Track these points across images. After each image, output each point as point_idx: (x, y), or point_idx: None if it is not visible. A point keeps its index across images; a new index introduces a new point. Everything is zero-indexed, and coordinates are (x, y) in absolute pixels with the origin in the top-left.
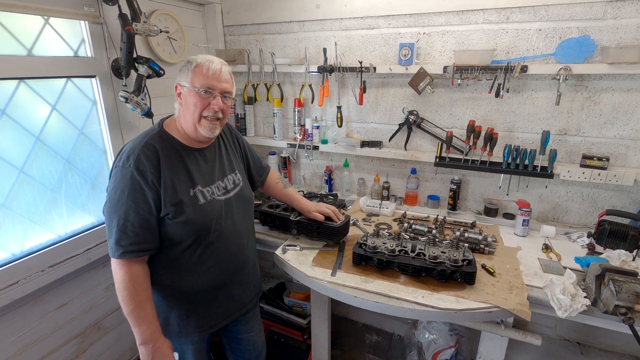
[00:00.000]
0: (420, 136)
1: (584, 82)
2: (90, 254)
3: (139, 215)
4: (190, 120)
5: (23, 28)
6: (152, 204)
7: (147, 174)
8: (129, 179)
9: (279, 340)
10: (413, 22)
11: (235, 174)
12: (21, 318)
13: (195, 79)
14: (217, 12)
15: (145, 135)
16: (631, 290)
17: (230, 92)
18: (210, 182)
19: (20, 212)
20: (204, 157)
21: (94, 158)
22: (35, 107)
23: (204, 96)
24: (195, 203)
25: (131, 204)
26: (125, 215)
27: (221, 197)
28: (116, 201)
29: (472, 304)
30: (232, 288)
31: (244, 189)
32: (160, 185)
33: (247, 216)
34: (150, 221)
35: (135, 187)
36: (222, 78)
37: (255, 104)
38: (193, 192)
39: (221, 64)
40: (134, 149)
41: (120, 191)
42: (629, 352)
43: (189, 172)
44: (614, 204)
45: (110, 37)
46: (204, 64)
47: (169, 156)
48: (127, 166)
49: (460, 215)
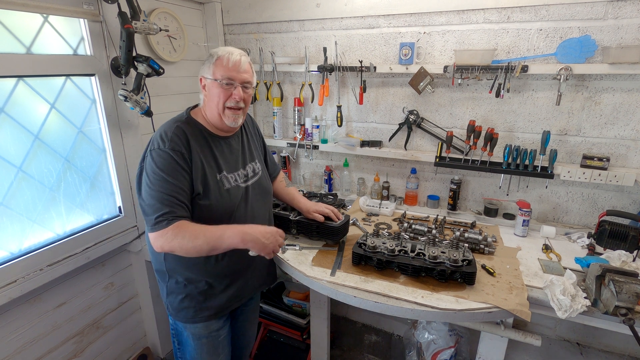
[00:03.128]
0: (420, 136)
1: (584, 82)
2: (89, 252)
3: (182, 191)
4: (215, 110)
5: (22, 26)
6: (189, 181)
7: (183, 154)
8: (168, 160)
9: (278, 340)
10: (413, 21)
11: (255, 162)
12: (20, 317)
13: (217, 71)
14: (217, 11)
15: (175, 121)
16: (631, 291)
17: (250, 82)
18: (235, 169)
19: (18, 210)
20: (229, 145)
21: (93, 157)
22: (34, 105)
23: (225, 87)
24: (221, 188)
25: (173, 181)
26: (170, 192)
27: (242, 185)
28: (159, 180)
29: (472, 304)
30: (247, 272)
31: (263, 178)
32: (191, 166)
33: (264, 204)
34: (189, 197)
35: (175, 167)
36: (242, 69)
37: (255, 103)
38: (220, 177)
39: (240, 55)
40: (166, 132)
41: (160, 171)
42: (628, 352)
43: (215, 157)
44: (614, 204)
45: (110, 36)
46: (224, 56)
47: (197, 141)
48: (163, 148)
49: (460, 215)
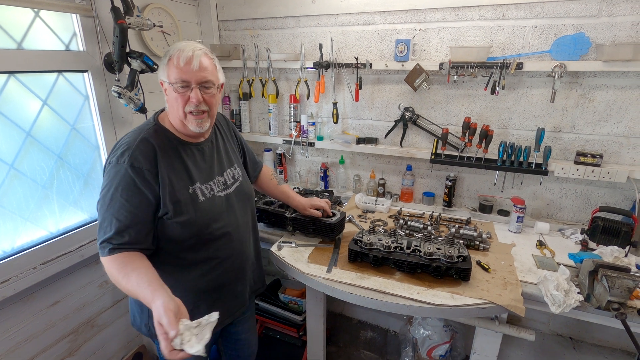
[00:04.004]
0: (416, 133)
1: (578, 80)
2: (83, 251)
3: (132, 214)
4: (176, 116)
5: (12, 21)
6: (146, 203)
7: (143, 171)
8: (123, 176)
9: (275, 337)
10: (409, 18)
11: (234, 167)
12: (13, 316)
13: (170, 73)
14: (211, 7)
15: (140, 130)
16: (624, 285)
17: (210, 81)
18: (209, 178)
19: (10, 208)
20: (202, 151)
21: (86, 154)
22: (25, 101)
23: (181, 91)
24: (195, 200)
25: (124, 202)
26: (117, 214)
27: (221, 193)
28: (109, 199)
29: (467, 300)
30: (235, 285)
31: (244, 183)
32: (158, 183)
33: (248, 211)
34: (144, 221)
35: (129, 185)
36: (196, 66)
37: (251, 100)
38: (192, 189)
39: (193, 51)
40: (129, 144)
41: (113, 189)
42: (620, 347)
43: (187, 168)
44: (607, 200)
45: (103, 31)
46: (175, 55)
47: (166, 152)
48: (122, 162)
49: (456, 212)
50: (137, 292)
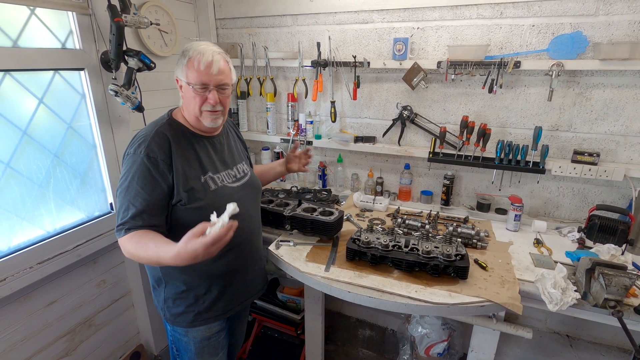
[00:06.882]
0: (413, 131)
1: (575, 78)
2: (80, 250)
3: (146, 201)
4: (192, 113)
5: (8, 18)
6: (160, 190)
7: (158, 161)
8: (139, 166)
9: (273, 335)
10: (407, 16)
11: (243, 164)
12: (9, 315)
13: (190, 75)
14: (209, 5)
15: (155, 124)
16: (620, 283)
17: (226, 84)
18: (220, 169)
19: (7, 207)
20: (213, 145)
21: (83, 153)
22: (21, 100)
23: (200, 92)
24: (207, 189)
25: (139, 189)
26: (133, 201)
27: (232, 185)
28: (126, 187)
29: (465, 299)
30: (246, 273)
31: (253, 178)
32: (172, 172)
33: (257, 203)
34: (158, 206)
35: (145, 174)
36: (215, 70)
37: (248, 98)
38: (204, 178)
39: (213, 55)
40: (145, 136)
41: (130, 177)
42: (616, 344)
43: (199, 158)
44: (604, 199)
45: (99, 29)
46: (195, 58)
47: (179, 143)
48: (139, 153)
49: (453, 210)
50: (158, 253)
